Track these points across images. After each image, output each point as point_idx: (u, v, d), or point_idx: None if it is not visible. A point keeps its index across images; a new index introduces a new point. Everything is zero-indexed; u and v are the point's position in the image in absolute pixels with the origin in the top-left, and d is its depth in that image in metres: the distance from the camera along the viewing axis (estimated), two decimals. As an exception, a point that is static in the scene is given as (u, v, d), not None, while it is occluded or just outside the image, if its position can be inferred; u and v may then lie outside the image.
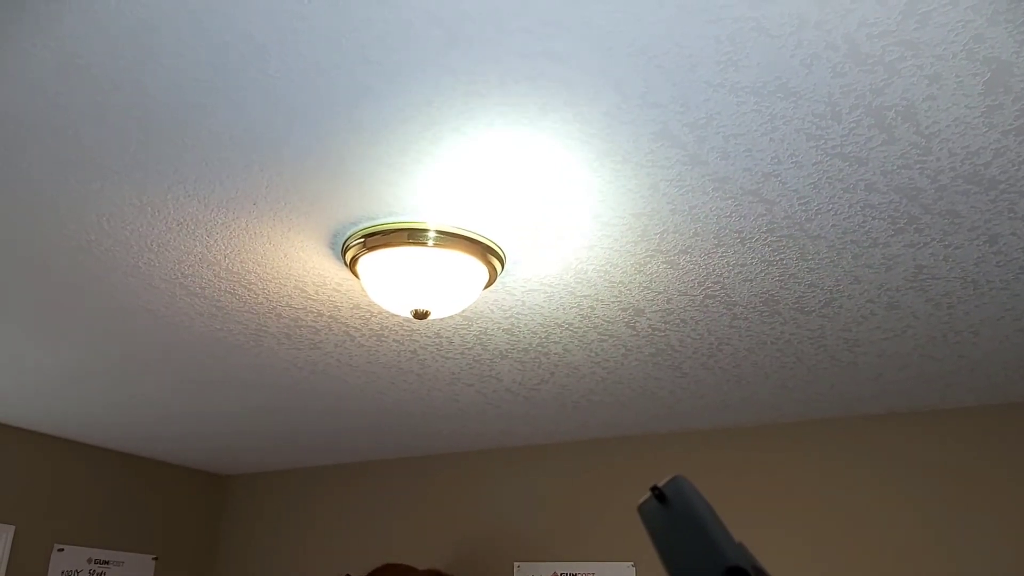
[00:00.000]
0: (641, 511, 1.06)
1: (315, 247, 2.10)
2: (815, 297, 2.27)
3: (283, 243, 2.08)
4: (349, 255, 2.04)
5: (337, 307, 2.46)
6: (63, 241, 2.10)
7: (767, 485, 3.43)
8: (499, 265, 2.08)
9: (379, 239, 1.95)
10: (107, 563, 4.32)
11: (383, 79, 1.44)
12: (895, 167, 1.65)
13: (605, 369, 2.91)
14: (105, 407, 3.64)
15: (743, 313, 2.39)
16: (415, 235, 1.93)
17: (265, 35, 1.34)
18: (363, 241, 1.97)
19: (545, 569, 3.80)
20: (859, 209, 1.81)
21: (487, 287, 2.21)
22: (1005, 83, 1.40)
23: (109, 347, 2.87)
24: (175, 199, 1.89)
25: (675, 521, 1.00)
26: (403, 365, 2.95)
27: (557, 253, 2.08)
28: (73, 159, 1.73)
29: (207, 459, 4.70)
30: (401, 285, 1.99)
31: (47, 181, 1.82)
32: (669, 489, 1.03)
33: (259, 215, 1.95)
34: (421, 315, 2.04)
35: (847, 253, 2.02)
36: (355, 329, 2.63)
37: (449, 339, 2.69)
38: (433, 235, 1.93)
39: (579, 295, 2.32)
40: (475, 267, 2.02)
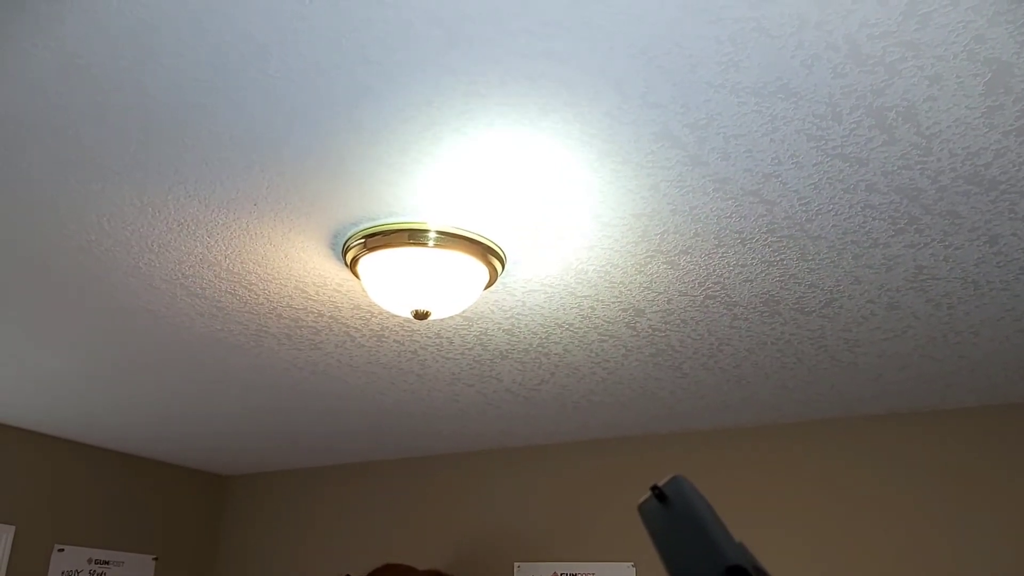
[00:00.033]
0: (641, 511, 1.06)
1: (315, 248, 2.10)
2: (815, 297, 2.27)
3: (284, 244, 2.08)
4: (349, 255, 2.04)
5: (337, 307, 2.46)
6: (63, 241, 2.10)
7: (767, 485, 3.43)
8: (499, 265, 2.08)
9: (379, 239, 1.95)
10: (107, 563, 4.32)
11: (383, 79, 1.44)
12: (896, 168, 1.65)
13: (605, 369, 2.91)
14: (105, 407, 3.64)
15: (743, 313, 2.39)
16: (415, 235, 1.93)
17: (265, 35, 1.34)
18: (364, 241, 1.97)
19: (545, 569, 3.80)
20: (860, 210, 1.81)
21: (487, 287, 2.21)
22: (1006, 84, 1.40)
23: (109, 347, 2.87)
24: (175, 199, 1.89)
25: (675, 521, 1.00)
26: (403, 365, 2.95)
27: (557, 253, 2.08)
28: (73, 159, 1.73)
29: (207, 459, 4.70)
30: (401, 285, 1.99)
31: (47, 181, 1.82)
32: (669, 489, 1.03)
33: (260, 216, 1.95)
34: (421, 315, 2.04)
35: (847, 254, 2.02)
36: (355, 329, 2.63)
37: (449, 339, 2.69)
38: (433, 235, 1.93)
39: (579, 295, 2.32)
40: (475, 267, 2.02)
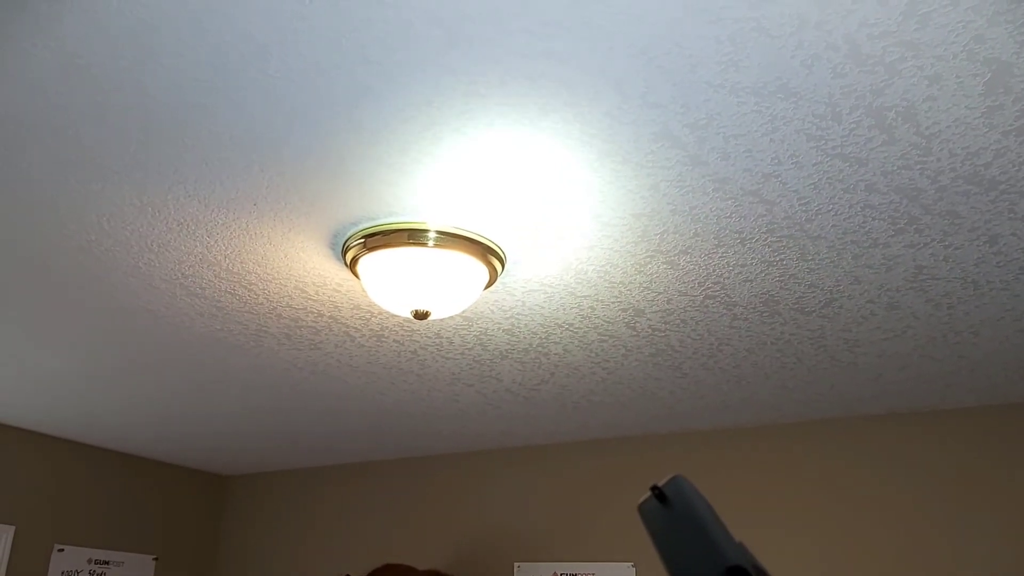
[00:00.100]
0: (641, 511, 1.06)
1: (315, 247, 2.10)
2: (815, 297, 2.27)
3: (283, 243, 2.08)
4: (349, 255, 2.04)
5: (337, 307, 2.46)
6: (63, 241, 2.10)
7: (767, 485, 3.43)
8: (499, 265, 2.08)
9: (379, 239, 1.95)
10: (107, 563, 4.32)
11: (383, 79, 1.44)
12: (895, 168, 1.65)
13: (605, 369, 2.91)
14: (105, 407, 3.64)
15: (743, 313, 2.39)
16: (415, 235, 1.93)
17: (265, 35, 1.34)
18: (363, 241, 1.97)
19: (545, 569, 3.80)
20: (859, 209, 1.81)
21: (487, 287, 2.21)
22: (1005, 84, 1.40)
23: (109, 347, 2.87)
24: (175, 199, 1.89)
25: (675, 521, 1.00)
26: (403, 365, 2.95)
27: (557, 253, 2.08)
28: (73, 159, 1.73)
29: (207, 459, 4.70)
30: (401, 285, 1.99)
31: (47, 181, 1.82)
32: (669, 489, 1.03)
33: (259, 215, 1.95)
34: (421, 315, 2.04)
35: (847, 253, 2.02)
36: (355, 329, 2.63)
37: (449, 339, 2.69)
38: (433, 235, 1.93)
39: (579, 295, 2.32)
40: (475, 267, 2.02)
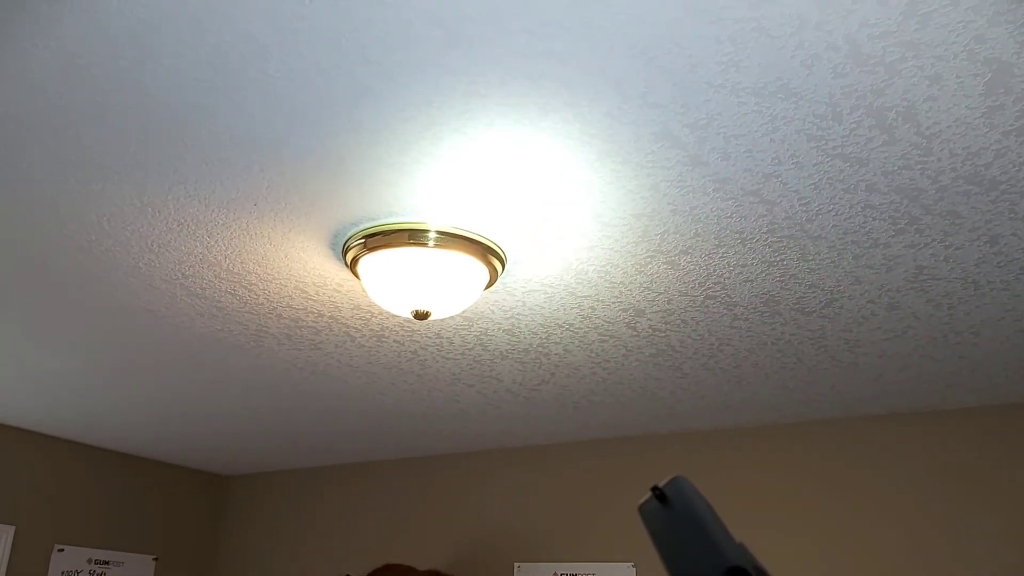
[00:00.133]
0: (642, 511, 1.06)
1: (316, 248, 2.10)
2: (816, 298, 2.27)
3: (284, 244, 2.08)
4: (350, 256, 2.04)
5: (338, 308, 2.46)
6: (63, 241, 2.10)
7: (767, 485, 3.43)
8: (499, 265, 2.08)
9: (380, 240, 1.95)
10: (107, 563, 4.32)
11: (383, 79, 1.44)
12: (896, 168, 1.65)
13: (606, 370, 2.91)
14: (105, 407, 3.64)
15: (744, 314, 2.39)
16: (416, 236, 1.93)
17: (265, 35, 1.34)
18: (364, 242, 1.97)
19: (545, 569, 3.80)
20: (860, 210, 1.81)
21: (488, 288, 2.21)
22: (1006, 84, 1.40)
23: (109, 347, 2.87)
24: (175, 199, 1.89)
25: (676, 521, 1.00)
26: (403, 366, 2.95)
27: (557, 253, 2.08)
28: (73, 159, 1.73)
29: (207, 459, 4.70)
30: (402, 286, 1.99)
31: (47, 181, 1.82)
32: (670, 489, 1.03)
33: (260, 216, 1.95)
34: (422, 316, 2.04)
35: (848, 254, 2.01)
36: (355, 330, 2.63)
37: (450, 340, 2.69)
38: (434, 235, 1.93)
39: (579, 296, 2.32)
40: (475, 268, 2.02)
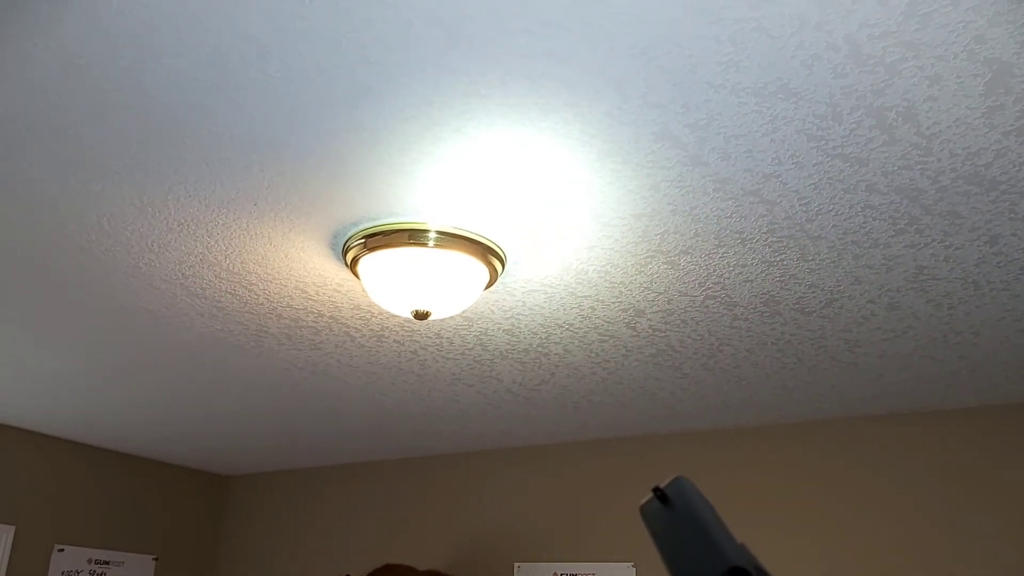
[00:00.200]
0: (643, 512, 1.06)
1: (316, 248, 2.10)
2: (816, 298, 2.27)
3: (284, 244, 2.08)
4: (350, 256, 2.04)
5: (338, 308, 2.46)
6: (63, 241, 2.10)
7: (767, 485, 3.43)
8: (499, 265, 2.08)
9: (380, 240, 1.95)
10: (107, 563, 4.32)
11: (383, 79, 1.44)
12: (896, 168, 1.65)
13: (605, 370, 2.91)
14: (105, 407, 3.64)
15: (744, 314, 2.39)
16: (416, 236, 1.93)
17: (265, 35, 1.34)
18: (364, 242, 1.97)
19: (545, 569, 3.80)
20: (860, 210, 1.81)
21: (488, 288, 2.21)
22: (1006, 84, 1.40)
23: (109, 347, 2.87)
24: (176, 199, 1.89)
25: (677, 522, 1.00)
26: (403, 366, 2.95)
27: (557, 253, 2.08)
28: (73, 159, 1.73)
29: (207, 459, 4.70)
30: (402, 286, 1.99)
31: (47, 181, 1.82)
32: (671, 490, 1.03)
33: (260, 215, 1.95)
34: (422, 316, 2.04)
35: (848, 254, 2.02)
36: (355, 330, 2.63)
37: (450, 340, 2.69)
38: (434, 236, 1.93)
39: (579, 296, 2.32)
40: (476, 268, 2.02)
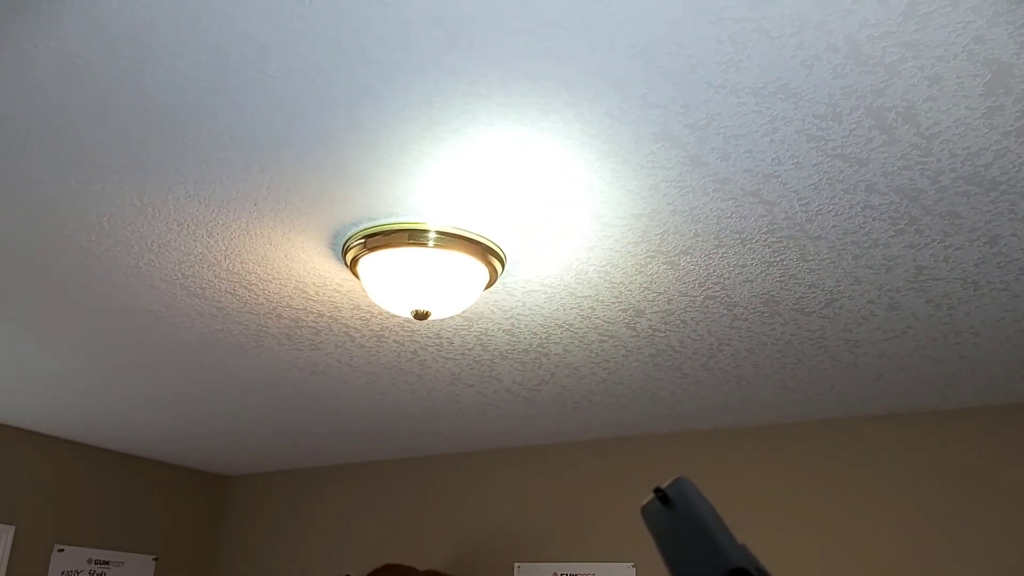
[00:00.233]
0: (644, 513, 1.06)
1: (316, 248, 2.10)
2: (815, 298, 2.27)
3: (284, 244, 2.08)
4: (350, 256, 2.04)
5: (337, 308, 2.46)
6: (63, 241, 2.10)
7: (767, 486, 3.43)
8: (499, 266, 2.08)
9: (380, 240, 1.95)
10: (107, 563, 4.32)
11: (383, 79, 1.44)
12: (896, 168, 1.65)
13: (605, 370, 2.91)
14: (105, 407, 3.64)
15: (743, 314, 2.39)
16: (416, 236, 1.93)
17: (265, 35, 1.34)
18: (364, 242, 1.97)
19: (545, 569, 3.80)
20: (860, 210, 1.81)
21: (487, 288, 2.21)
22: (1006, 84, 1.40)
23: (109, 347, 2.87)
24: (175, 199, 1.89)
25: (678, 523, 1.00)
26: (403, 366, 2.95)
27: (557, 254, 2.08)
28: (73, 159, 1.73)
29: (207, 459, 4.70)
30: (402, 286, 1.99)
31: (47, 181, 1.82)
32: (672, 491, 1.03)
33: (259, 215, 1.95)
34: (422, 316, 2.04)
35: (848, 254, 2.02)
36: (355, 330, 2.63)
37: (449, 340, 2.69)
38: (434, 236, 1.93)
39: (579, 296, 2.32)
40: (475, 268, 2.02)
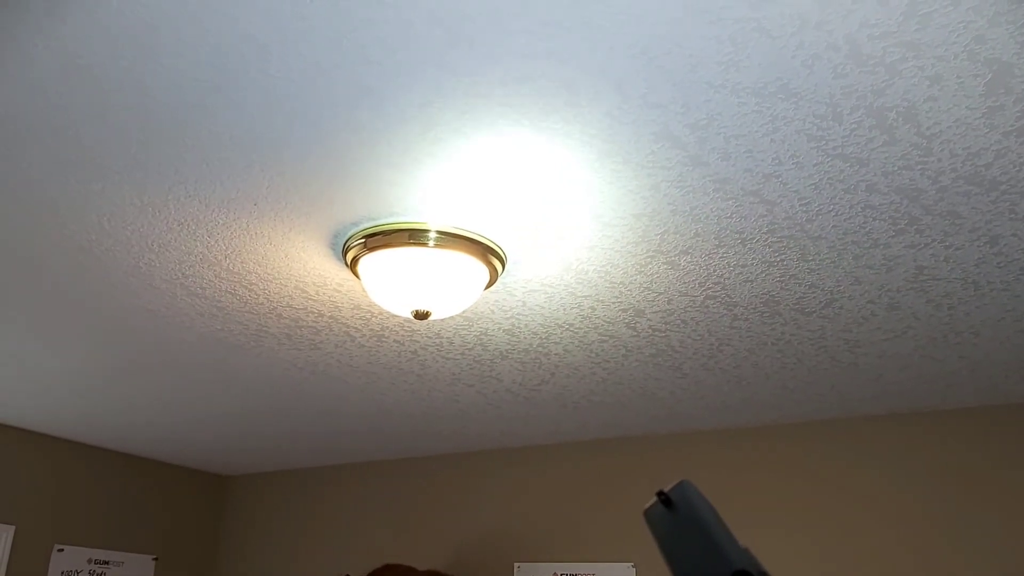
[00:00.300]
0: (647, 516, 1.06)
1: (316, 247, 2.10)
2: (816, 298, 2.27)
3: (284, 243, 2.08)
4: (350, 255, 2.04)
5: (338, 307, 2.46)
6: (63, 241, 2.10)
7: (767, 486, 3.43)
8: (500, 265, 2.08)
9: (380, 239, 1.95)
10: (107, 563, 4.32)
11: (384, 79, 1.44)
12: (896, 168, 1.65)
13: (605, 370, 2.91)
14: (105, 407, 3.64)
15: (744, 314, 2.39)
16: (416, 235, 1.93)
17: (265, 35, 1.34)
18: (364, 241, 1.97)
19: (545, 569, 3.80)
20: (860, 210, 1.81)
21: (488, 287, 2.21)
22: (1006, 84, 1.40)
23: (109, 347, 2.87)
24: (176, 199, 1.89)
25: (681, 526, 1.01)
26: (404, 366, 2.95)
27: (558, 254, 2.08)
28: (73, 159, 1.73)
29: (207, 459, 4.70)
30: (402, 285, 1.99)
31: (47, 181, 1.82)
32: (675, 494, 1.04)
33: (260, 215, 1.95)
34: (422, 316, 2.04)
35: (848, 254, 2.01)
36: (355, 330, 2.63)
37: (450, 340, 2.69)
38: (434, 235, 1.93)
39: (580, 296, 2.32)
40: (476, 267, 2.02)
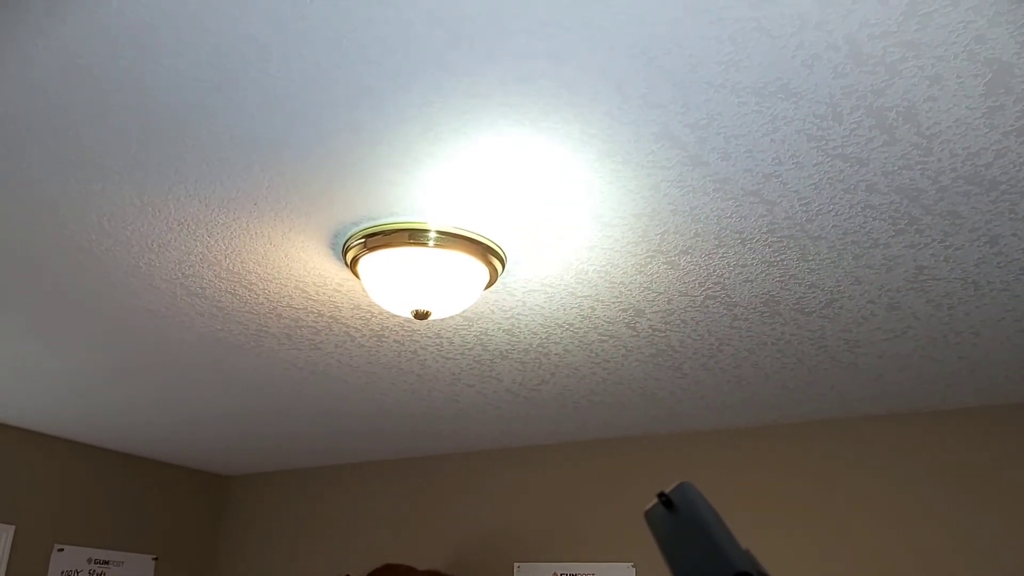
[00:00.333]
0: (648, 517, 1.07)
1: (316, 247, 2.10)
2: (816, 298, 2.27)
3: (284, 243, 2.08)
4: (350, 255, 2.04)
5: (338, 307, 2.46)
6: (63, 241, 2.10)
7: (767, 486, 3.43)
8: (500, 265, 2.08)
9: (380, 239, 1.95)
10: (107, 563, 4.32)
11: (384, 79, 1.44)
12: (896, 168, 1.65)
13: (605, 370, 2.91)
14: (105, 407, 3.64)
15: (743, 314, 2.39)
16: (416, 235, 1.93)
17: (265, 35, 1.34)
18: (364, 241, 1.97)
19: (545, 569, 3.80)
20: (860, 210, 1.81)
21: (488, 287, 2.21)
22: (1006, 84, 1.40)
23: (109, 347, 2.87)
24: (176, 199, 1.89)
25: (682, 527, 1.01)
26: (404, 366, 2.95)
27: (557, 253, 2.08)
28: (73, 159, 1.73)
29: (207, 459, 4.70)
30: (402, 285, 1.99)
31: (47, 181, 1.82)
32: (676, 496, 1.04)
33: (260, 215, 1.95)
34: (422, 315, 2.04)
35: (848, 254, 2.01)
36: (355, 329, 2.63)
37: (450, 339, 2.69)
38: (434, 235, 1.93)
39: (579, 296, 2.32)
40: (476, 267, 2.02)
